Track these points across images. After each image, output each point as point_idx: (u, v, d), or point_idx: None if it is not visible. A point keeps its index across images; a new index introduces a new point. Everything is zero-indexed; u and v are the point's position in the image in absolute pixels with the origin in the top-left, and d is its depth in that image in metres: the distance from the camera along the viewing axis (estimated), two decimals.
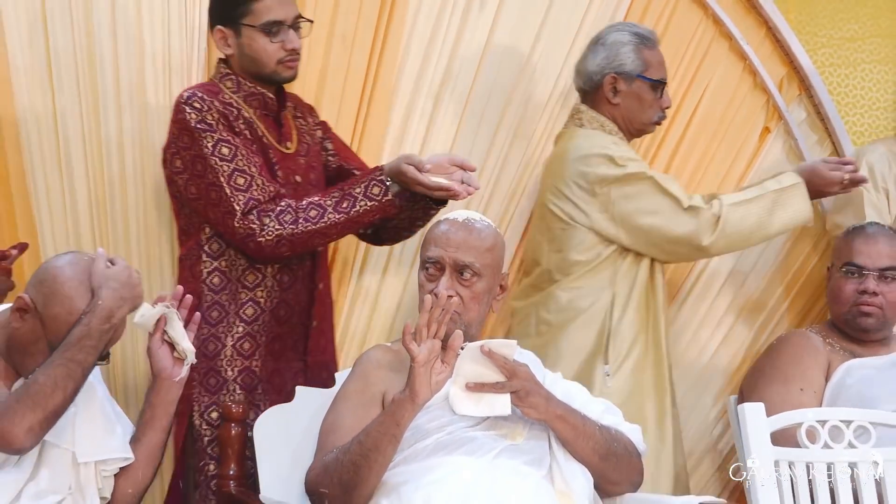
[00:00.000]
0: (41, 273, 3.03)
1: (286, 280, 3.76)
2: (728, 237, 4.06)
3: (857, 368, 4.02)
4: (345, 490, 3.19)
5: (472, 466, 3.20)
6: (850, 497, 3.58)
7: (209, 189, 3.64)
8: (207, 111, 3.65)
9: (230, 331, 3.74)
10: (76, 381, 2.90)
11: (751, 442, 3.55)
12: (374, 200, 3.61)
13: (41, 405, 2.85)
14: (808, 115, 4.81)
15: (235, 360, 3.74)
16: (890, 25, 5.00)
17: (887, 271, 4.07)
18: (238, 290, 3.74)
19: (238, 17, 3.71)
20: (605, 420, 3.46)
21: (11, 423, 2.83)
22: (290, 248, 3.63)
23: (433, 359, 3.15)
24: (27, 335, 2.98)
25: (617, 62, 4.17)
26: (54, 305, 2.97)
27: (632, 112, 4.21)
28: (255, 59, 3.73)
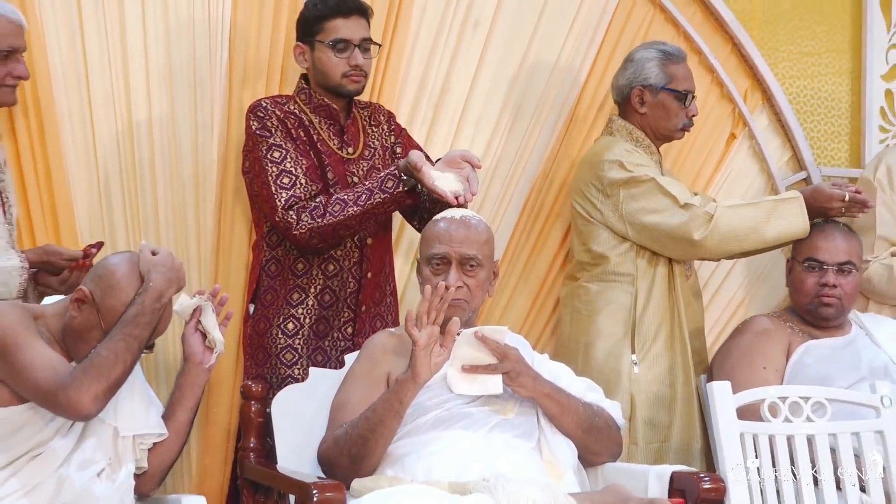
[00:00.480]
0: (99, 269, 3.06)
1: (331, 269, 3.83)
2: (721, 235, 4.05)
3: (815, 349, 4.03)
4: (353, 461, 3.22)
5: (469, 439, 3.24)
6: (808, 466, 3.58)
7: (262, 187, 3.74)
8: (267, 118, 3.78)
9: (278, 312, 3.82)
10: (133, 353, 2.94)
11: (719, 416, 3.56)
12: (387, 193, 3.65)
13: (105, 375, 2.89)
14: (770, 122, 4.81)
15: (279, 338, 3.81)
16: (843, 41, 4.98)
17: (844, 265, 4.06)
18: (288, 276, 3.83)
19: (313, 34, 3.83)
20: (588, 397, 3.48)
21: (79, 392, 2.86)
22: (320, 240, 3.69)
23: (433, 343, 3.18)
24: (83, 324, 3.00)
25: (643, 76, 4.23)
26: (110, 298, 3.00)
27: (658, 120, 4.26)
28: (324, 72, 3.84)
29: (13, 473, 2.93)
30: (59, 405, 2.90)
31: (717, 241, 4.07)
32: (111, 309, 2.99)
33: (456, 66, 4.40)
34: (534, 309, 4.52)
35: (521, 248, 4.50)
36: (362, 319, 3.88)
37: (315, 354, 3.82)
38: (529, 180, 4.50)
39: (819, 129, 4.96)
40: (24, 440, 2.95)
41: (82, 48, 3.97)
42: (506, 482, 2.97)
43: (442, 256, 3.41)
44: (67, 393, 2.87)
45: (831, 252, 4.07)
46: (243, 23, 4.16)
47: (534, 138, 4.51)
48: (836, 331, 4.12)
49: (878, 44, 4.99)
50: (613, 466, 3.50)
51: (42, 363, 2.91)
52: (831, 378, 3.91)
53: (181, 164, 4.08)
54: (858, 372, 3.98)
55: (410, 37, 4.34)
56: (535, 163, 4.51)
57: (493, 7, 4.45)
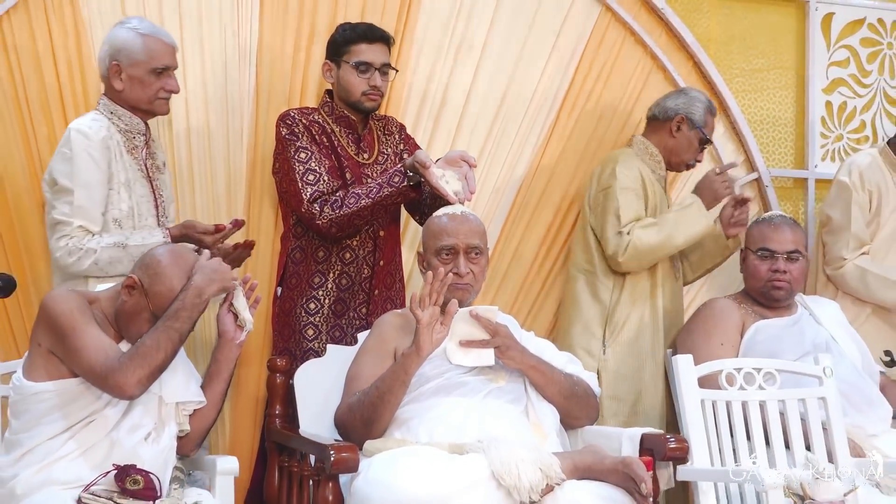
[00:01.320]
0: (147, 258, 3.05)
1: (348, 257, 3.84)
2: (637, 256, 4.11)
3: (766, 327, 4.01)
4: (365, 424, 3.22)
5: (465, 405, 3.24)
6: (760, 428, 3.58)
7: (290, 183, 3.76)
8: (294, 125, 3.80)
9: (302, 294, 3.83)
10: (174, 343, 2.94)
11: (682, 386, 3.57)
12: (394, 187, 3.66)
13: (147, 362, 2.89)
14: (725, 130, 4.78)
15: (302, 316, 3.82)
16: (789, 59, 4.96)
17: (792, 254, 4.04)
18: (310, 263, 3.84)
19: (340, 55, 3.86)
20: (569, 369, 3.49)
21: (125, 377, 2.87)
22: (338, 229, 3.72)
23: (434, 321, 3.19)
24: (133, 308, 3.00)
25: (691, 110, 4.28)
26: (156, 284, 2.99)
27: (679, 150, 4.31)
28: (347, 89, 3.86)
29: (71, 437, 2.93)
30: (107, 386, 2.90)
31: (635, 262, 4.15)
32: (157, 294, 2.98)
33: (453, 83, 4.39)
34: (522, 290, 4.49)
35: (511, 236, 4.47)
36: (375, 302, 3.88)
37: (333, 331, 3.83)
38: (518, 180, 4.48)
39: (768, 136, 4.94)
40: (80, 409, 2.95)
41: None
42: (497, 443, 2.97)
43: (450, 247, 3.40)
44: (115, 376, 2.88)
45: (781, 242, 4.05)
46: (268, 46, 4.16)
47: (520, 145, 4.49)
48: (784, 311, 4.10)
49: (820, 62, 4.97)
50: (591, 429, 3.50)
51: (95, 347, 2.91)
52: (780, 352, 3.89)
53: (215, 168, 4.08)
54: (803, 347, 3.96)
55: (414, 57, 4.34)
56: (523, 164, 4.49)
57: (484, 32, 4.44)
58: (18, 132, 3.87)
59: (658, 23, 4.69)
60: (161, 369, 2.93)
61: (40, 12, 3.89)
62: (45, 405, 2.93)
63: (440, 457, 2.98)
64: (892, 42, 5.09)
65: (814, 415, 3.64)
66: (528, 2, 4.49)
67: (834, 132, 5.00)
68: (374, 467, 3.00)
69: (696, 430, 3.52)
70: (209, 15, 4.07)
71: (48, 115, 3.89)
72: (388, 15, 4.28)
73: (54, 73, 3.90)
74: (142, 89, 3.53)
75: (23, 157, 3.86)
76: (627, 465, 2.94)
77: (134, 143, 3.58)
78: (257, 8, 4.13)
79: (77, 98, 3.91)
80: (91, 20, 3.93)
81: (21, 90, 3.87)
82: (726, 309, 4.07)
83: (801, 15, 4.98)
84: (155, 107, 3.58)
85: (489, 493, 2.88)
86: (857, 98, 5.04)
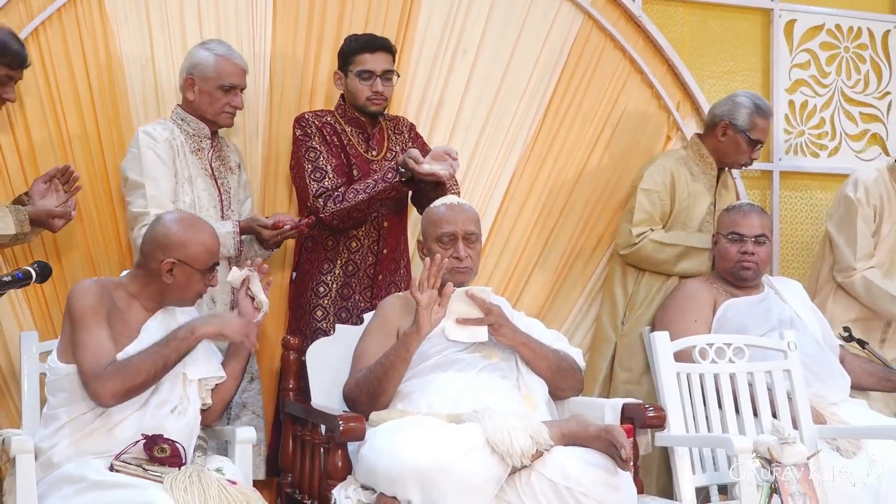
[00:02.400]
0: (161, 238, 3.01)
1: (353, 246, 3.84)
2: (639, 258, 4.18)
3: (735, 305, 3.98)
4: (371, 398, 3.21)
5: (462, 379, 3.22)
6: (730, 398, 3.59)
7: (300, 180, 3.79)
8: (307, 127, 3.83)
9: (312, 279, 3.84)
10: (158, 369, 2.91)
11: (659, 360, 3.57)
12: (387, 182, 3.67)
13: (128, 380, 2.85)
14: (697, 127, 4.68)
15: (312, 299, 3.83)
16: (756, 62, 4.93)
17: (759, 237, 4.02)
18: (320, 251, 3.86)
19: (347, 64, 3.87)
20: (556, 345, 3.47)
21: (103, 387, 2.84)
22: (340, 221, 3.73)
23: (432, 303, 3.18)
24: (182, 281, 3.00)
25: (734, 115, 4.23)
26: (188, 249, 2.99)
27: (728, 152, 4.29)
28: (354, 94, 3.87)
29: (103, 412, 2.92)
30: (88, 389, 2.88)
31: (634, 260, 4.20)
32: (195, 257, 3.00)
33: (449, 84, 4.36)
34: (517, 271, 4.46)
35: (504, 222, 4.44)
36: (379, 286, 3.88)
37: (340, 312, 3.83)
38: (509, 173, 4.45)
39: None
40: None
41: (153, 71, 3.95)
42: (491, 413, 2.95)
43: (450, 234, 3.38)
44: (95, 383, 2.85)
45: (749, 227, 4.03)
46: (281, 52, 4.13)
47: (511, 141, 4.45)
48: (752, 290, 4.08)
49: (783, 64, 4.95)
50: (576, 400, 3.48)
51: (92, 348, 2.87)
52: (748, 328, 3.88)
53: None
54: (770, 323, 3.95)
55: (413, 61, 4.30)
56: (514, 158, 4.45)
57: (478, 38, 4.41)
58: (54, 133, 3.84)
59: (635, 30, 4.66)
60: (140, 389, 2.89)
61: (73, 24, 3.86)
62: (77, 383, 2.91)
63: (439, 426, 2.97)
64: (848, 46, 5.08)
65: (779, 385, 3.64)
66: (517, 11, 4.47)
67: (796, 128, 4.98)
68: (380, 436, 2.99)
69: (673, 400, 3.52)
70: (226, 24, 4.04)
71: (80, 117, 3.87)
72: (389, 24, 4.26)
73: (86, 79, 3.87)
74: (210, 103, 3.64)
75: (58, 156, 3.82)
76: (610, 433, 2.92)
77: (200, 145, 3.68)
78: (270, 17, 4.10)
79: (105, 101, 3.89)
80: (119, 31, 3.91)
81: (56, 94, 3.84)
82: (699, 289, 4.05)
83: (766, 22, 4.96)
84: (220, 119, 3.68)
85: (484, 458, 2.86)
86: (818, 97, 5.03)
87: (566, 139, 4.52)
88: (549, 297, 4.48)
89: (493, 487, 2.88)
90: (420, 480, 2.83)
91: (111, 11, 3.89)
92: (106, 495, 2.74)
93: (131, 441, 2.89)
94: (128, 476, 2.80)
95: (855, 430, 3.66)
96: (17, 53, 3.34)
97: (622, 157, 4.59)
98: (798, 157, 4.93)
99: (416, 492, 2.85)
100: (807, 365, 3.78)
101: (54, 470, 2.87)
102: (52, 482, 2.84)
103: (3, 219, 3.29)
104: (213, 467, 2.96)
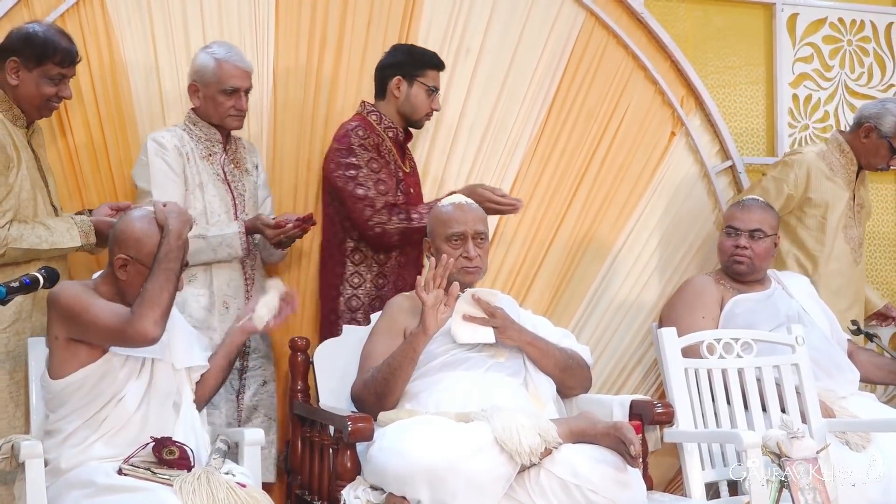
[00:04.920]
0: (119, 234, 3.00)
1: (382, 258, 3.81)
2: None
3: (742, 301, 3.97)
4: (378, 398, 3.20)
5: (469, 378, 3.21)
6: (738, 393, 3.58)
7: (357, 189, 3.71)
8: (366, 139, 3.76)
9: (343, 291, 3.79)
10: (172, 282, 2.91)
11: (667, 356, 3.56)
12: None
13: (157, 303, 2.86)
14: (701, 122, 4.73)
15: (344, 313, 3.77)
16: (759, 56, 4.92)
17: (755, 232, 4.00)
18: (346, 264, 3.80)
19: (416, 75, 3.85)
20: (563, 343, 3.47)
21: (142, 323, 2.83)
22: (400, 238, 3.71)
23: (439, 303, 3.16)
24: (134, 278, 2.96)
25: (880, 121, 4.34)
26: (144, 248, 2.96)
27: (867, 154, 4.41)
28: (415, 106, 3.87)
29: (105, 417, 2.94)
30: (128, 337, 2.86)
31: None
32: (149, 255, 2.96)
33: (453, 84, 4.34)
34: (522, 269, 4.44)
35: (509, 220, 4.41)
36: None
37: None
38: (513, 171, 4.43)
39: (741, 127, 4.89)
40: (107, 388, 2.95)
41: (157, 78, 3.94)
42: (500, 411, 2.95)
43: (460, 234, 3.36)
44: (133, 325, 2.84)
45: (745, 221, 4.02)
46: (284, 57, 4.12)
47: (515, 139, 4.44)
48: (758, 286, 4.06)
49: (786, 58, 4.94)
50: (585, 397, 3.47)
51: (107, 312, 2.89)
52: (756, 323, 3.86)
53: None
54: (777, 318, 3.93)
55: None
56: (519, 155, 4.44)
57: (480, 37, 4.39)
58: (60, 143, 3.83)
59: (638, 26, 4.65)
60: (170, 306, 2.90)
61: (76, 29, 3.84)
62: (76, 394, 2.92)
63: (448, 425, 2.96)
64: (851, 39, 5.08)
65: (788, 380, 3.63)
66: (519, 9, 4.46)
67: (800, 122, 4.97)
68: (388, 436, 2.99)
69: (681, 395, 3.50)
70: (229, 28, 4.03)
71: (85, 121, 3.86)
72: (392, 24, 4.24)
73: (90, 85, 3.85)
74: (214, 107, 3.62)
75: (64, 165, 3.82)
76: (618, 429, 2.91)
77: (211, 150, 3.66)
78: (273, 19, 4.09)
79: (110, 107, 3.88)
80: (122, 37, 3.90)
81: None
82: (706, 285, 4.03)
83: (768, 16, 4.95)
84: (227, 122, 3.66)
85: (493, 457, 2.85)
86: (821, 91, 5.02)
87: (570, 136, 4.51)
88: (556, 295, 4.47)
89: (503, 486, 2.87)
90: (429, 480, 2.83)
91: (114, 17, 3.88)
92: (115, 499, 2.74)
93: (139, 444, 2.89)
94: (136, 479, 2.80)
95: (864, 423, 3.65)
96: (66, 51, 3.34)
97: (626, 154, 4.58)
98: None
99: (426, 491, 2.84)
100: (815, 359, 3.77)
101: (63, 475, 2.87)
102: (60, 487, 2.84)
103: (70, 230, 3.33)
104: (224, 470, 2.95)
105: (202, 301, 3.60)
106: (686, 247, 4.70)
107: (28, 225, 3.27)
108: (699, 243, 4.71)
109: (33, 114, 3.39)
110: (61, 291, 2.93)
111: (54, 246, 3.29)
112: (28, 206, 3.31)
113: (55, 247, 3.30)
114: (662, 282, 4.64)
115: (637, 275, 4.60)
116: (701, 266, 4.64)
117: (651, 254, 4.63)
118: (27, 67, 3.30)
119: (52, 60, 3.30)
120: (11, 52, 3.30)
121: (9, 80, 3.31)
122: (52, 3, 3.82)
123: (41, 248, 3.27)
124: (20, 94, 3.32)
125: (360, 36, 4.19)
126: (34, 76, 3.30)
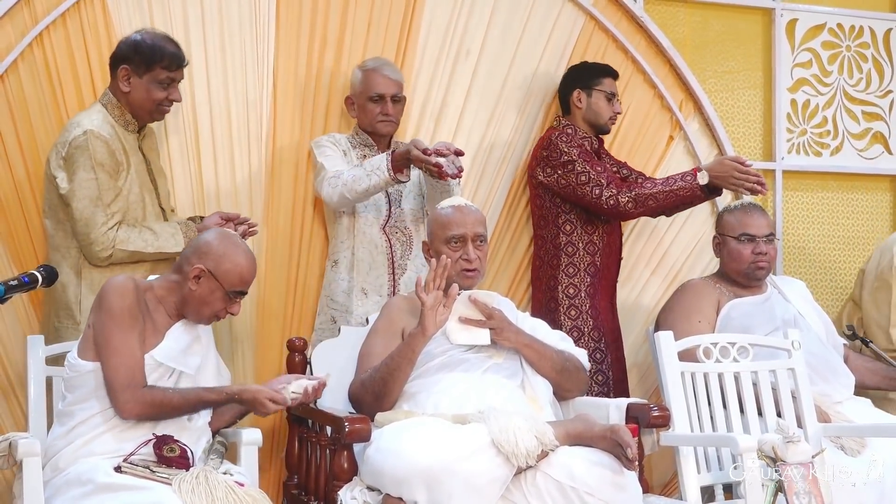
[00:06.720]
0: (203, 246, 3.02)
1: (593, 246, 4.14)
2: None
3: (739, 305, 3.98)
4: (376, 398, 3.21)
5: (467, 379, 3.22)
6: (734, 397, 3.58)
7: (581, 180, 4.04)
8: (569, 142, 4.11)
9: (560, 282, 4.11)
10: (190, 411, 2.96)
11: (663, 359, 3.56)
12: (686, 182, 4.00)
13: (161, 411, 2.90)
14: (700, 126, 4.74)
15: (564, 300, 4.07)
16: (757, 61, 4.93)
17: (769, 236, 4.02)
18: (561, 256, 4.13)
19: (594, 84, 4.20)
20: (560, 346, 3.47)
21: (134, 406, 2.87)
22: (635, 206, 4.04)
23: (437, 304, 3.17)
24: (205, 292, 2.98)
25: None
26: (224, 264, 2.98)
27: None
28: (598, 113, 4.21)
29: (113, 415, 2.92)
30: (115, 399, 2.88)
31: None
32: (227, 273, 2.98)
33: (453, 86, 4.35)
34: (520, 273, 4.45)
35: (509, 218, 4.44)
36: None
37: (591, 311, 4.13)
38: (511, 174, 4.44)
39: (739, 131, 4.89)
40: None
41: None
42: (497, 413, 2.95)
43: (460, 236, 3.37)
44: (123, 397, 2.86)
45: (759, 227, 4.03)
46: (284, 58, 4.13)
47: (514, 143, 4.45)
48: (755, 290, 4.07)
49: (785, 63, 4.94)
50: (581, 400, 3.48)
51: (126, 358, 2.88)
52: (752, 327, 3.87)
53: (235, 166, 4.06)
54: (773, 322, 3.94)
55: (416, 63, 4.30)
56: (516, 159, 4.45)
57: (480, 39, 4.40)
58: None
59: (637, 30, 4.66)
60: (166, 418, 2.91)
61: (77, 30, 3.85)
62: (96, 382, 2.91)
63: (445, 427, 2.97)
64: (850, 45, 5.07)
65: (784, 384, 3.64)
66: (519, 12, 4.46)
67: (799, 127, 4.96)
68: (385, 437, 2.99)
69: (677, 399, 3.50)
70: (230, 29, 4.04)
71: None
72: (392, 26, 4.25)
73: (90, 85, 3.85)
74: (364, 114, 3.89)
75: None
76: (615, 432, 2.92)
77: (366, 153, 3.86)
78: (273, 21, 4.10)
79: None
80: (123, 35, 3.83)
81: (61, 101, 3.83)
82: (703, 289, 4.04)
83: (767, 21, 4.95)
84: (377, 128, 3.88)
85: (490, 458, 2.86)
86: (820, 96, 5.02)
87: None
88: None
89: (499, 488, 2.87)
90: (426, 481, 2.84)
91: (115, 17, 3.88)
92: (114, 497, 2.73)
93: (142, 440, 2.89)
94: (135, 478, 2.80)
95: (860, 428, 3.65)
96: (173, 56, 3.41)
97: (625, 157, 4.57)
98: (800, 156, 4.93)
99: (422, 492, 2.85)
100: (810, 364, 3.77)
101: (61, 473, 2.87)
102: (59, 485, 2.84)
103: (174, 236, 3.40)
104: (221, 470, 2.96)
105: (343, 285, 3.80)
106: (683, 250, 4.71)
107: (135, 228, 3.36)
108: (696, 247, 4.72)
109: (145, 118, 3.49)
110: (115, 292, 2.93)
111: (159, 250, 3.38)
112: (136, 208, 3.40)
113: (160, 251, 3.38)
114: (659, 286, 4.65)
115: (634, 279, 4.61)
116: (697, 270, 4.64)
117: (648, 257, 4.64)
118: (137, 74, 3.40)
119: (161, 65, 3.38)
120: (122, 61, 3.41)
121: (121, 87, 3.41)
122: (53, 3, 3.82)
123: (146, 251, 3.36)
124: (132, 100, 3.42)
125: (360, 36, 4.20)
126: (144, 82, 3.40)
